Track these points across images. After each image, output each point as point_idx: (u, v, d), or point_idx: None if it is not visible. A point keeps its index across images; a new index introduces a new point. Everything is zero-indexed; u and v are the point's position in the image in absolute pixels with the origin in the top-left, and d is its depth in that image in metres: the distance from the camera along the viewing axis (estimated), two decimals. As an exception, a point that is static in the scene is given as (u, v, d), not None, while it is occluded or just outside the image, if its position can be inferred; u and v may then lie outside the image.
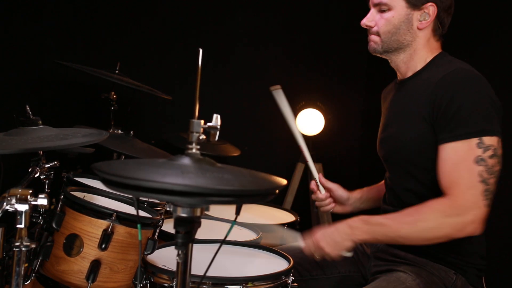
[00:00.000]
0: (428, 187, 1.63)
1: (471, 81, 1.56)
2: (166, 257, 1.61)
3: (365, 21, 1.72)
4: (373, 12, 1.71)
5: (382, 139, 1.81)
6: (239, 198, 0.92)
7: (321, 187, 1.90)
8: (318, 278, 1.81)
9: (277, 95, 1.71)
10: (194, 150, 1.02)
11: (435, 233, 1.51)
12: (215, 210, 2.24)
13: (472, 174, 1.48)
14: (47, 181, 1.74)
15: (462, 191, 1.48)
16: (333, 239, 1.57)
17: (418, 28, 1.66)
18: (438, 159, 1.55)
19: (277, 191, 0.97)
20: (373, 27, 1.70)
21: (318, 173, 1.90)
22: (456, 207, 1.49)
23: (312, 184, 1.92)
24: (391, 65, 1.78)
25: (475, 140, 1.49)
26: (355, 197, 1.94)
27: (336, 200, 1.92)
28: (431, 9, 1.64)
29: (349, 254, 1.60)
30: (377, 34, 1.70)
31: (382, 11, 1.68)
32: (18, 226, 1.24)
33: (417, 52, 1.69)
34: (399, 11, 1.65)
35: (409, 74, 1.73)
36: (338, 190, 1.91)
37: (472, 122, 1.50)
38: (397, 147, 1.70)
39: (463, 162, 1.49)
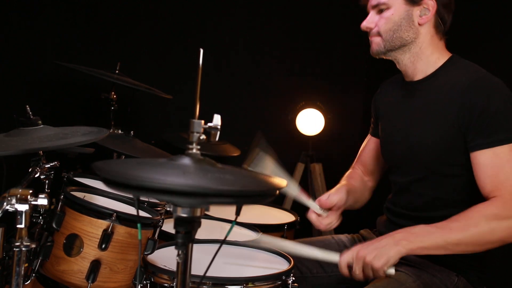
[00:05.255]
0: (445, 191, 1.62)
1: (501, 87, 1.57)
2: (166, 257, 1.60)
3: (365, 24, 1.71)
4: (372, 14, 1.70)
5: (395, 143, 1.78)
6: (240, 199, 0.92)
7: (323, 212, 1.74)
8: (319, 276, 1.80)
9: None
10: (194, 150, 1.02)
11: (488, 238, 1.47)
12: (216, 210, 2.24)
13: None
14: (47, 181, 1.74)
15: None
16: (377, 248, 1.47)
17: (419, 24, 1.65)
18: (477, 165, 1.54)
19: (277, 192, 0.97)
20: (373, 28, 1.69)
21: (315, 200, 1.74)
22: (509, 209, 1.46)
23: (313, 216, 1.75)
24: (399, 67, 1.76)
25: None
26: (347, 197, 1.80)
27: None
28: (430, 3, 1.63)
29: (392, 271, 1.47)
30: (378, 34, 1.68)
31: (381, 11, 1.67)
32: (18, 226, 1.24)
33: (423, 50, 1.68)
34: (398, 8, 1.64)
35: (420, 76, 1.71)
36: (341, 198, 1.76)
37: (510, 127, 1.52)
38: (416, 151, 1.67)
39: (508, 163, 1.49)
